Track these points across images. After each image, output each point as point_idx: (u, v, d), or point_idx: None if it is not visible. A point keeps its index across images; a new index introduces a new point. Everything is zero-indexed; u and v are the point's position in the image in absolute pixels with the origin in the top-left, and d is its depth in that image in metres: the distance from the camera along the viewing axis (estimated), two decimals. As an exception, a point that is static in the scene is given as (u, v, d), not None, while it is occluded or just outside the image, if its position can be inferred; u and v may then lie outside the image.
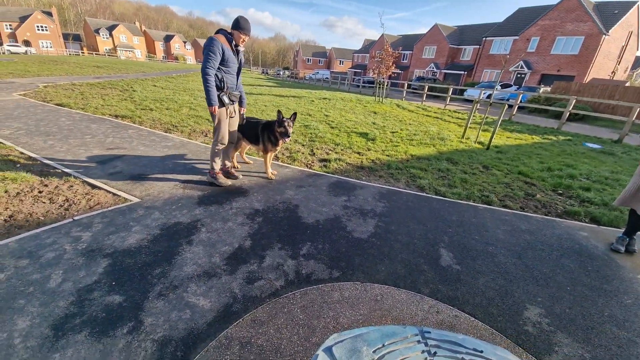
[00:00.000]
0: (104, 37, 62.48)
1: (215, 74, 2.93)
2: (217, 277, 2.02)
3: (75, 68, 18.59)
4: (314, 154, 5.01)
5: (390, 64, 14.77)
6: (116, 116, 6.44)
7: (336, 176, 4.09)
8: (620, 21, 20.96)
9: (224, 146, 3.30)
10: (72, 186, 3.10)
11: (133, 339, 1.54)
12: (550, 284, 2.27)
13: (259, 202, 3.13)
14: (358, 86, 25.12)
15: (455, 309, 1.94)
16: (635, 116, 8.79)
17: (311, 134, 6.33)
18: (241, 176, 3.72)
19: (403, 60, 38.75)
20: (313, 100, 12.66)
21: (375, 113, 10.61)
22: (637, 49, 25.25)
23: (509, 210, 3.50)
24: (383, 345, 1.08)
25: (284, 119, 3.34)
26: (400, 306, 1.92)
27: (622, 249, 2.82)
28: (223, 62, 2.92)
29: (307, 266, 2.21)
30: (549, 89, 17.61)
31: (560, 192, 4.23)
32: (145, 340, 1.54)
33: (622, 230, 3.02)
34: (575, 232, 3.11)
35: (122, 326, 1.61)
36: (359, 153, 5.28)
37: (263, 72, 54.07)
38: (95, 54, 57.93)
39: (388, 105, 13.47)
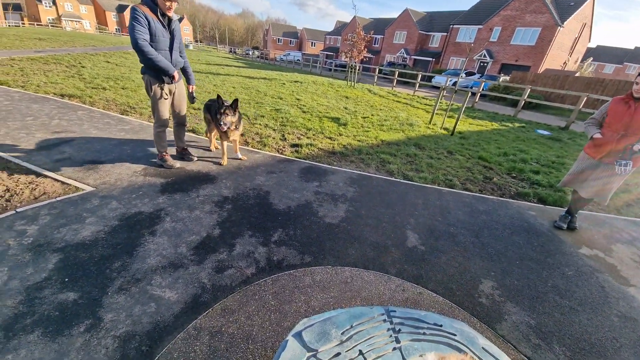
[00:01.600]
0: (46, 6, 54.81)
1: None
2: (184, 268, 1.95)
3: (15, 41, 16.16)
4: (286, 139, 4.92)
5: (362, 48, 14.68)
6: (62, 95, 5.77)
7: (308, 161, 4.07)
8: (575, 13, 22.36)
9: (164, 127, 3.12)
10: (12, 174, 2.76)
11: (92, 336, 1.45)
12: (502, 259, 2.49)
13: (228, 189, 3.03)
14: (330, 69, 24.78)
15: (419, 286, 2.07)
16: (582, 105, 9.65)
17: (282, 118, 6.19)
18: (196, 158, 3.60)
19: (374, 44, 38.70)
20: (284, 83, 12.29)
21: (347, 98, 10.59)
22: (589, 41, 27.39)
23: (470, 193, 3.74)
24: (351, 327, 1.12)
25: (223, 106, 3.09)
26: (369, 287, 2.00)
27: (565, 226, 3.15)
28: (150, 36, 2.62)
29: (279, 253, 2.21)
30: (507, 78, 18.69)
31: (514, 175, 4.59)
32: (105, 338, 1.46)
33: (565, 209, 3.37)
34: (525, 212, 3.42)
35: (78, 324, 1.50)
36: (330, 138, 5.27)
37: (231, 52, 51.15)
38: (37, 24, 50.80)
39: (360, 90, 13.50)
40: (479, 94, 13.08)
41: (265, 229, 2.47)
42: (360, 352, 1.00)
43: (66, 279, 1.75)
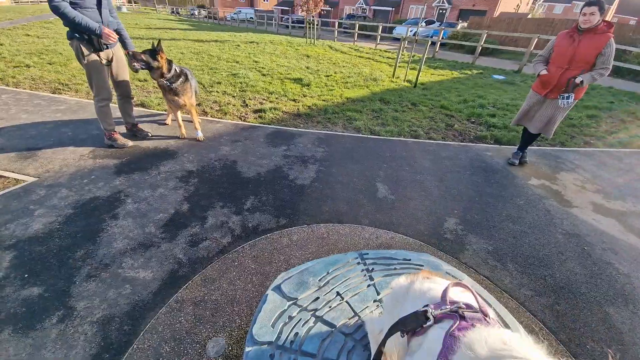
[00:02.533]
0: None
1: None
2: (155, 247, 1.88)
3: None
4: (247, 105, 4.66)
5: (319, 0, 13.69)
6: (-27, 77, 4.89)
7: (273, 126, 3.93)
8: (525, -47, 22.20)
9: (107, 101, 2.80)
10: None
11: (66, 326, 1.40)
12: (463, 198, 2.69)
13: (192, 162, 2.88)
14: (287, 27, 23.08)
15: (391, 232, 2.20)
16: (532, 47, 10.02)
17: (241, 83, 5.80)
18: (151, 134, 3.32)
19: (332, -5, 36.17)
20: (239, 45, 11.33)
21: (308, 56, 10.07)
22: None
23: (433, 141, 3.89)
24: (327, 273, 1.18)
25: (139, 52, 2.66)
26: (344, 239, 2.09)
27: (517, 162, 3.43)
28: None
29: (253, 219, 2.20)
30: (465, 24, 18.70)
31: (473, 120, 4.81)
32: (81, 325, 1.41)
33: (517, 146, 3.64)
34: (483, 153, 3.65)
35: (49, 317, 1.44)
36: (294, 100, 5.08)
37: (173, 12, 45.29)
38: None
39: (320, 47, 12.85)
40: (439, 44, 13.05)
41: (236, 198, 2.42)
42: (338, 293, 1.06)
43: (26, 275, 1.63)
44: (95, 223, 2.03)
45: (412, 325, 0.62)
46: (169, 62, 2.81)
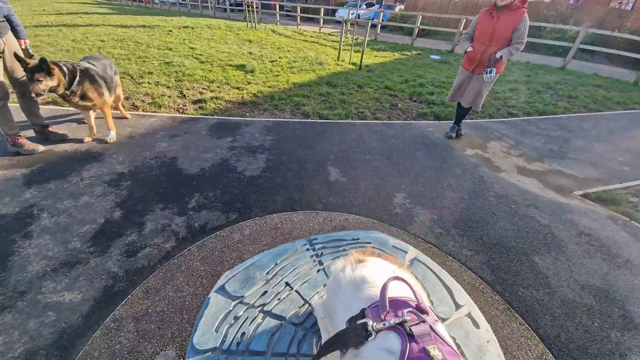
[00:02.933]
0: None
1: None
2: (82, 264, 1.65)
3: None
4: (185, 95, 4.27)
5: (255, -20, 12.94)
6: None
7: (216, 117, 3.67)
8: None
9: (4, 100, 2.35)
10: None
11: (-31, 373, 1.17)
12: (410, 173, 2.83)
13: (122, 164, 2.56)
14: (225, 10, 21.59)
15: (344, 213, 2.23)
16: (462, 27, 10.77)
17: (176, 72, 5.29)
18: (68, 135, 2.89)
19: (270, -24, 34.54)
20: (171, 30, 10.29)
21: (250, 41, 9.56)
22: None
23: (380, 121, 4.00)
24: (276, 264, 1.13)
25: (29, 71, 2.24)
26: (299, 226, 2.06)
27: (454, 135, 3.70)
28: None
29: (199, 218, 2.05)
30: (403, 6, 19.38)
31: (415, 99, 5.05)
32: (-8, 368, 1.19)
33: (453, 120, 3.91)
34: (425, 129, 3.87)
35: (-57, 367, 1.18)
36: (238, 88, 4.80)
37: (88, -5, 39.14)
38: None
39: (263, 31, 12.28)
40: (380, 26, 13.35)
41: (178, 197, 2.22)
42: (287, 284, 1.03)
43: None
44: (4, 246, 1.70)
45: (352, 342, 0.57)
46: (66, 70, 2.39)
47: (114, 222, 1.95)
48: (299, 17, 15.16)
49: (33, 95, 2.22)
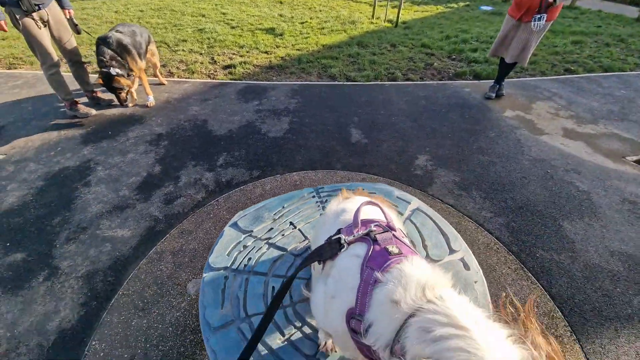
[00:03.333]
0: None
1: None
2: (130, 208, 1.93)
3: None
4: (215, 61, 4.39)
5: None
6: None
7: (244, 81, 3.76)
8: None
9: (56, 68, 2.60)
10: None
11: (53, 283, 1.50)
12: (437, 135, 2.71)
13: (160, 125, 2.81)
14: (258, -29, 20.77)
15: (363, 173, 2.25)
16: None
17: (209, 38, 5.38)
18: (114, 100, 3.13)
19: None
20: (204, -3, 10.28)
21: (281, 3, 9.23)
22: None
23: (411, 82, 3.78)
24: (283, 207, 1.24)
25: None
26: (316, 183, 2.14)
27: (493, 95, 3.39)
28: None
29: (226, 174, 2.23)
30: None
31: (454, 57, 4.62)
32: (67, 280, 1.51)
33: (494, 79, 3.56)
34: (461, 90, 3.58)
35: (35, 277, 1.53)
36: (266, 52, 4.79)
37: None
38: None
39: (295, -9, 11.71)
40: (424, -25, 11.92)
41: (208, 155, 2.42)
42: (291, 223, 1.13)
43: (7, 244, 1.69)
44: (68, 192, 2.05)
45: (328, 254, 0.64)
46: (122, 65, 2.71)
47: (155, 175, 2.21)
48: (333, -28, 14.07)
49: (127, 104, 2.83)
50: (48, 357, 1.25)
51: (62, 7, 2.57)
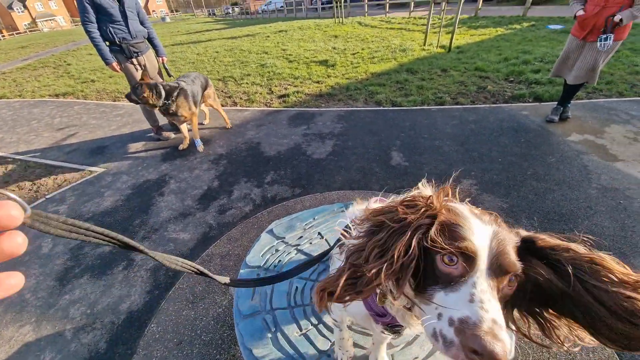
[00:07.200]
0: (19, 12, 53.44)
1: (102, 27, 2.67)
2: (191, 215, 2.26)
3: (0, 55, 16.18)
4: (272, 92, 4.92)
5: (344, -25, 13.19)
6: (57, 95, 5.98)
7: (295, 109, 4.13)
8: None
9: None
10: (34, 170, 3.12)
11: (129, 272, 1.83)
12: (484, 160, 2.59)
13: (222, 147, 3.24)
14: (316, 9, 22.75)
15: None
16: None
17: (269, 72, 6.07)
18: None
19: (362, -32, 34.25)
20: (268, 36, 11.64)
21: (335, 37, 9.94)
22: None
23: (460, 106, 3.69)
24: (313, 219, 1.36)
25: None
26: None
27: (556, 118, 3.11)
28: (99, 12, 2.61)
29: (272, 190, 2.46)
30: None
31: (512, 79, 4.39)
32: (139, 271, 1.83)
33: (557, 102, 3.28)
34: (517, 113, 3.37)
35: (117, 266, 1.88)
36: (318, 82, 5.19)
37: (210, 14, 47.64)
38: (17, 33, 49.51)
39: (349, 25, 12.51)
40: (481, 0, 11.70)
41: (258, 173, 2.70)
42: (319, 233, 1.24)
43: (100, 239, 2.12)
44: (148, 199, 2.49)
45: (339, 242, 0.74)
46: (155, 89, 2.74)
47: (213, 189, 2.56)
48: (387, 4, 14.72)
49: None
50: (117, 333, 1.52)
51: (158, 55, 3.24)
